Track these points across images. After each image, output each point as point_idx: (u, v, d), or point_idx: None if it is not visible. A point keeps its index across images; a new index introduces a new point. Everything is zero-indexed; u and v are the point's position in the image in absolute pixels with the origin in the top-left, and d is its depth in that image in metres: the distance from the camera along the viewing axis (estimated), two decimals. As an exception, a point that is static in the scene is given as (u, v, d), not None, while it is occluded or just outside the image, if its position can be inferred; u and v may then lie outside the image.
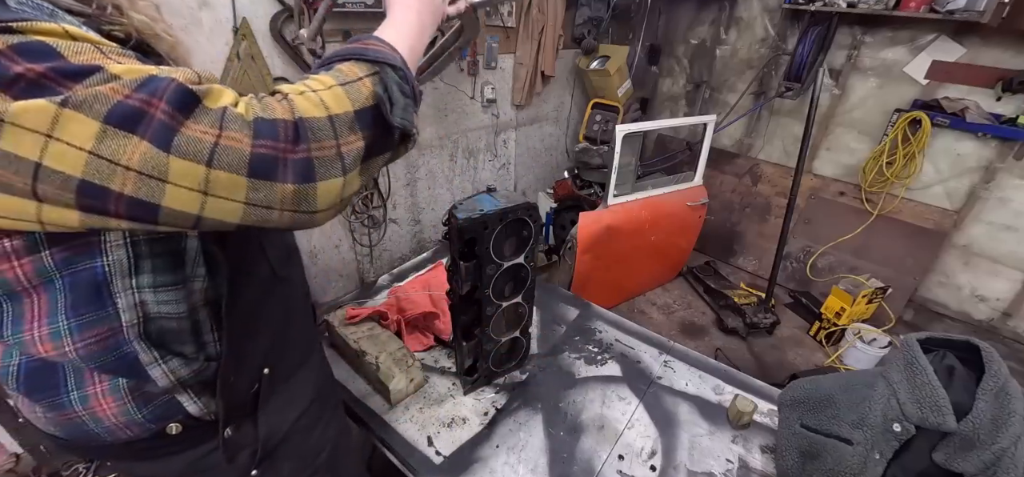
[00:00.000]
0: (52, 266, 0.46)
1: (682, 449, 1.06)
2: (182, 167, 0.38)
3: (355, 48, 0.51)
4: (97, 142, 0.36)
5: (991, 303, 2.85)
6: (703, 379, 1.27)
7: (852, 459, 0.82)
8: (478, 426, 1.11)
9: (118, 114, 0.37)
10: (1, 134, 0.35)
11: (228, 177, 0.40)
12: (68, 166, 0.36)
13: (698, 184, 2.93)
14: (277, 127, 0.42)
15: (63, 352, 0.49)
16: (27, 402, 0.55)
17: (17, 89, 0.35)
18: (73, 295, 0.48)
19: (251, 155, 0.40)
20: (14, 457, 1.75)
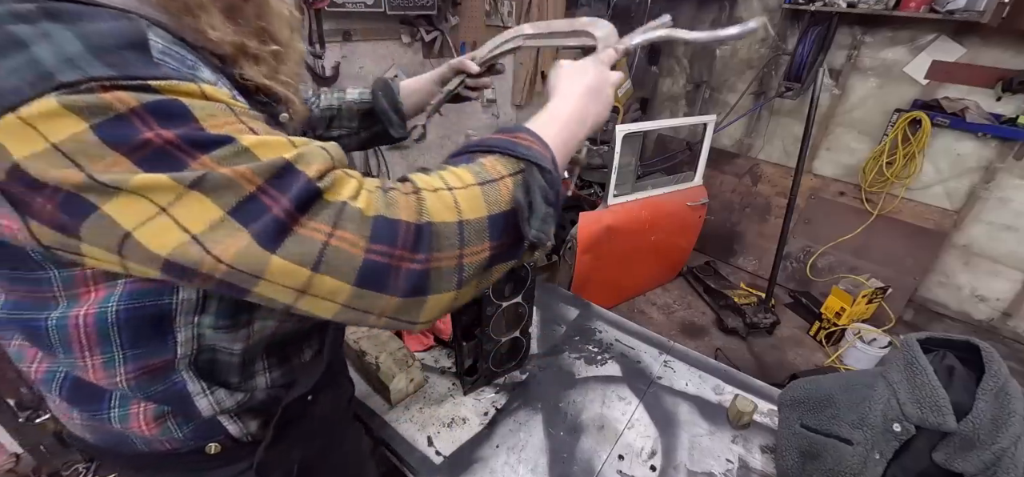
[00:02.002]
0: (119, 298, 0.43)
1: (682, 449, 1.06)
2: (283, 267, 0.35)
3: (503, 140, 0.46)
4: (207, 231, 0.33)
5: (991, 303, 2.85)
6: (703, 379, 1.27)
7: (852, 459, 0.82)
8: (478, 426, 1.11)
9: (244, 208, 0.34)
10: (110, 200, 0.32)
11: (332, 283, 0.36)
12: (159, 245, 0.33)
13: (698, 184, 2.93)
14: (397, 230, 0.37)
15: (114, 381, 0.47)
16: (65, 406, 0.54)
17: (142, 156, 0.32)
18: (136, 327, 0.45)
19: (363, 262, 0.36)
20: (14, 457, 1.75)
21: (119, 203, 0.32)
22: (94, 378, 0.47)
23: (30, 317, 0.43)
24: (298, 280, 0.35)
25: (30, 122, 0.30)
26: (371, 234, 0.36)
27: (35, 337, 0.46)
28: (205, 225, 0.33)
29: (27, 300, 0.42)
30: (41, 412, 1.70)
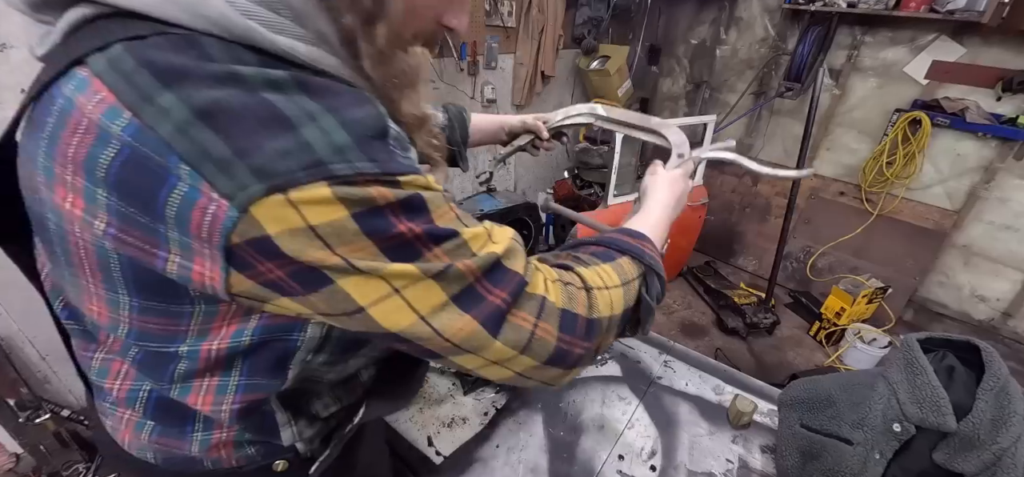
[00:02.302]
0: (252, 333, 0.43)
1: (682, 449, 1.06)
2: (500, 349, 0.41)
3: (635, 246, 0.55)
4: (433, 312, 0.38)
5: (991, 303, 2.86)
6: (703, 379, 1.27)
7: (852, 459, 0.82)
8: (478, 426, 1.11)
9: (465, 296, 0.39)
10: (348, 278, 0.35)
11: (528, 361, 0.43)
12: (391, 323, 0.37)
13: (698, 184, 2.93)
14: (577, 323, 0.45)
15: (220, 408, 0.46)
16: (140, 423, 0.52)
17: (389, 245, 0.35)
18: (257, 359, 0.45)
19: (554, 348, 0.43)
20: (14, 457, 1.75)
21: (357, 281, 0.35)
22: (197, 403, 0.46)
23: (158, 348, 0.42)
24: (503, 357, 0.42)
25: (295, 203, 0.32)
26: (560, 325, 0.44)
27: (153, 365, 0.45)
28: (431, 308, 0.38)
29: (157, 331, 0.41)
30: (41, 412, 1.70)
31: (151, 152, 0.31)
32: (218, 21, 0.34)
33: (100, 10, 0.35)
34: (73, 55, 0.34)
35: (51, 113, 0.34)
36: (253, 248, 0.33)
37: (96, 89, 0.32)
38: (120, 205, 0.33)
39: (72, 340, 0.54)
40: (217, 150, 0.31)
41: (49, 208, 0.36)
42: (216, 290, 0.35)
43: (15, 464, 1.76)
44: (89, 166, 0.32)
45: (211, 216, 0.32)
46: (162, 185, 0.31)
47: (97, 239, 0.35)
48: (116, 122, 0.31)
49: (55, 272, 0.43)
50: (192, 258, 0.34)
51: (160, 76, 0.31)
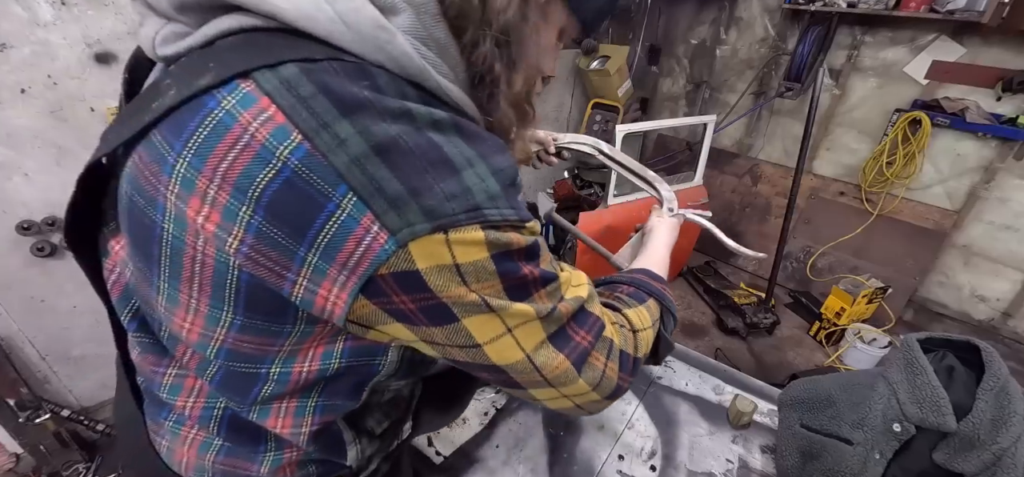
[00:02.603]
0: (339, 355, 0.44)
1: (682, 449, 1.06)
2: (580, 386, 0.45)
3: (658, 289, 0.62)
4: (535, 350, 0.42)
5: (991, 303, 2.86)
6: (703, 379, 1.27)
7: (852, 459, 0.82)
8: (478, 426, 1.11)
9: (559, 336, 0.43)
10: (472, 317, 0.38)
11: (594, 396, 0.47)
12: (500, 358, 0.41)
13: (698, 184, 2.93)
14: (629, 363, 0.50)
15: (298, 431, 0.46)
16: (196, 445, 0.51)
17: (511, 285, 0.38)
18: (338, 382, 0.46)
19: (615, 385, 0.48)
20: (14, 457, 1.75)
21: (481, 320, 0.38)
22: (276, 426, 0.46)
23: (245, 368, 0.42)
24: (578, 392, 0.46)
25: (451, 243, 0.34)
26: (620, 365, 0.49)
27: (237, 385, 0.44)
28: (534, 346, 0.41)
29: (249, 350, 0.41)
30: (41, 412, 1.70)
31: (317, 178, 0.31)
32: (398, 59, 0.35)
33: (263, 23, 0.34)
34: (233, 67, 0.33)
35: (202, 123, 0.33)
36: (396, 280, 0.35)
37: (263, 107, 0.32)
38: (264, 225, 0.33)
39: (136, 353, 0.51)
40: (391, 187, 0.32)
41: (170, 217, 0.35)
42: (334, 315, 0.36)
43: (15, 464, 1.76)
44: (241, 183, 0.32)
45: (364, 247, 0.33)
46: (319, 212, 0.32)
47: (222, 255, 0.35)
48: (283, 144, 0.31)
49: (142, 282, 0.41)
50: (321, 283, 0.35)
51: (339, 104, 0.32)
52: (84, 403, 1.91)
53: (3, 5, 1.34)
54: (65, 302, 1.73)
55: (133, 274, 0.42)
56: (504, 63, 0.43)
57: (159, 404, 0.52)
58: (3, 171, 1.48)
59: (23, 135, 1.48)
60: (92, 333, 1.82)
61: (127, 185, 0.38)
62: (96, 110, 1.58)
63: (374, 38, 0.34)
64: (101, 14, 1.50)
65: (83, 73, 1.52)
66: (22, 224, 1.55)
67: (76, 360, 1.83)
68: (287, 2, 0.34)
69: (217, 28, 0.36)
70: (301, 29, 0.34)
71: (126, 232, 0.39)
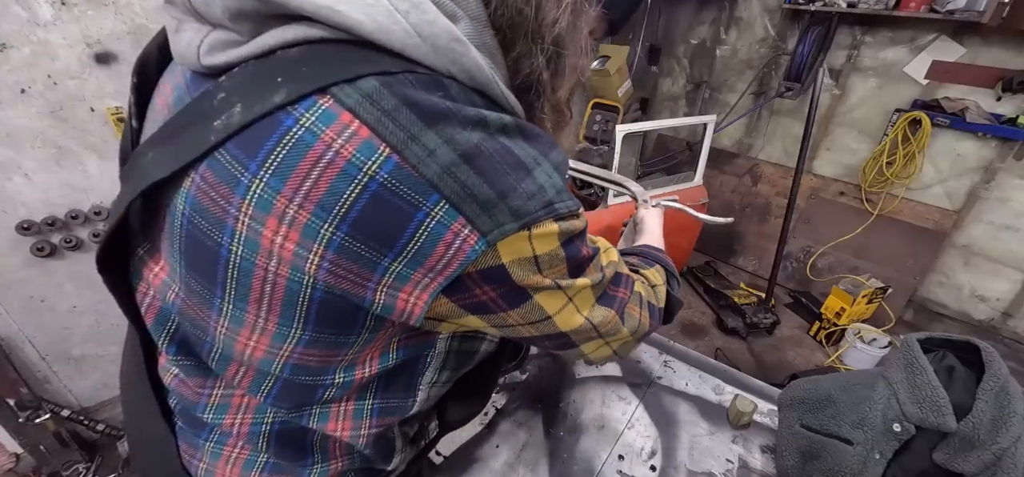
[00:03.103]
0: (394, 356, 0.45)
1: (682, 449, 1.06)
2: (623, 334, 0.52)
3: (660, 256, 0.72)
4: (591, 312, 0.47)
5: (991, 303, 2.86)
6: (703, 379, 1.27)
7: (852, 459, 0.82)
8: (478, 426, 1.11)
9: (605, 297, 0.49)
10: (541, 294, 0.41)
11: (631, 339, 0.54)
12: (565, 325, 0.45)
13: (698, 184, 2.93)
14: (655, 311, 0.58)
15: (358, 432, 0.48)
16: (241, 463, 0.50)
17: (573, 266, 0.43)
18: (389, 384, 0.48)
19: (647, 329, 0.55)
20: (14, 457, 1.75)
21: (549, 296, 0.42)
22: (335, 430, 0.48)
23: (308, 380, 0.43)
24: (622, 338, 0.53)
25: (532, 238, 0.37)
26: (650, 313, 0.56)
27: (296, 397, 0.45)
28: (589, 308, 0.47)
29: (315, 363, 0.41)
30: (41, 412, 1.70)
31: (406, 189, 0.32)
32: (469, 69, 0.36)
33: (330, 35, 0.33)
34: (308, 82, 0.32)
35: (280, 142, 0.32)
36: (481, 275, 0.37)
37: (346, 122, 0.31)
38: (346, 240, 0.33)
39: (173, 376, 0.50)
40: (482, 192, 0.34)
41: (240, 240, 0.34)
42: (412, 315, 0.38)
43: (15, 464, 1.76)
44: (327, 201, 0.32)
45: (454, 250, 0.34)
46: (409, 222, 0.33)
47: (297, 274, 0.34)
48: (371, 159, 0.31)
49: (196, 304, 0.39)
50: (402, 288, 0.36)
51: (423, 116, 0.32)
52: (84, 403, 1.91)
53: (3, 5, 1.34)
54: (65, 302, 1.73)
55: (183, 296, 0.40)
56: (551, 71, 0.44)
57: (198, 426, 0.50)
58: (3, 171, 1.48)
59: (23, 135, 1.48)
60: (92, 333, 1.82)
61: (185, 206, 0.35)
62: (96, 110, 1.58)
63: (449, 50, 0.35)
64: (101, 14, 1.50)
65: (83, 73, 1.52)
66: (22, 224, 1.55)
67: (76, 360, 1.83)
68: (362, 14, 0.33)
69: (278, 39, 0.34)
70: (374, 41, 0.33)
71: (180, 253, 0.38)
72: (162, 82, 0.46)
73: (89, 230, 1.69)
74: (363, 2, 0.33)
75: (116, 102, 1.61)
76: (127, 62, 1.60)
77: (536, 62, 0.42)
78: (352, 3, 0.33)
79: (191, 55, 0.38)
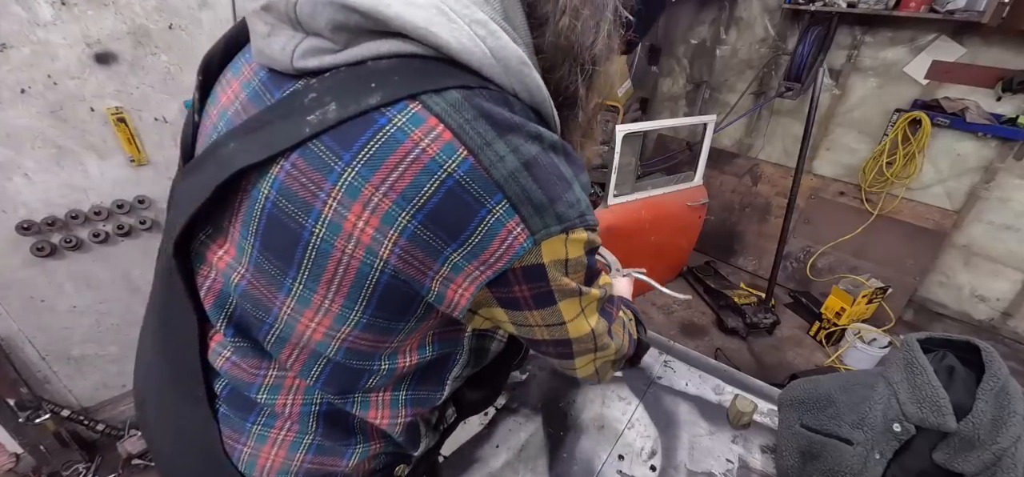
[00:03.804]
0: (431, 349, 0.51)
1: (682, 449, 1.06)
2: (610, 349, 0.57)
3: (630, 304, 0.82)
4: (595, 322, 0.53)
5: (991, 303, 2.86)
6: (703, 379, 1.27)
7: (852, 459, 0.82)
8: (478, 426, 1.11)
9: (603, 311, 0.55)
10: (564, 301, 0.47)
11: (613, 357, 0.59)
12: (575, 332, 0.50)
13: (698, 184, 2.93)
14: (631, 340, 0.66)
15: (395, 421, 0.53)
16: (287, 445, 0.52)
17: (587, 276, 0.48)
18: (423, 376, 0.54)
19: (626, 351, 0.62)
20: (14, 457, 1.75)
21: (568, 303, 0.47)
22: (375, 418, 0.52)
23: (357, 364, 0.47)
24: (607, 354, 0.58)
25: (568, 242, 0.43)
26: (628, 339, 0.64)
27: (344, 381, 0.49)
28: (594, 319, 0.53)
29: (365, 347, 0.45)
30: (41, 412, 1.70)
31: (476, 188, 0.37)
32: (531, 89, 0.42)
33: (421, 51, 0.38)
34: (401, 89, 0.37)
35: (374, 137, 0.36)
36: (523, 272, 0.42)
37: (432, 125, 0.36)
38: (419, 228, 0.37)
39: (226, 358, 0.51)
40: (537, 196, 0.39)
41: (325, 222, 0.38)
42: (458, 306, 0.42)
43: (15, 464, 1.76)
44: (408, 192, 0.36)
45: (506, 246, 0.39)
46: (473, 217, 0.37)
47: (370, 256, 0.38)
48: (452, 158, 0.36)
49: (265, 285, 0.43)
50: (455, 279, 0.40)
51: (495, 126, 0.37)
52: (84, 403, 1.91)
53: (3, 5, 1.34)
54: (65, 302, 1.73)
55: (250, 277, 0.43)
56: (587, 86, 0.49)
57: (247, 409, 0.52)
58: (3, 171, 1.48)
59: (23, 135, 1.48)
60: (92, 333, 1.82)
61: (272, 192, 0.39)
62: (96, 110, 1.59)
63: (518, 72, 0.41)
64: (101, 14, 1.50)
65: (83, 73, 1.52)
66: (22, 224, 1.55)
67: (76, 360, 1.83)
68: (450, 36, 0.38)
69: (372, 50, 0.39)
70: (458, 60, 0.38)
71: (255, 235, 0.41)
72: (226, 80, 0.50)
73: (89, 230, 1.69)
74: (450, 26, 0.38)
75: (116, 102, 1.61)
76: (127, 62, 1.60)
77: (576, 80, 0.47)
78: (441, 26, 0.37)
79: (284, 58, 0.42)
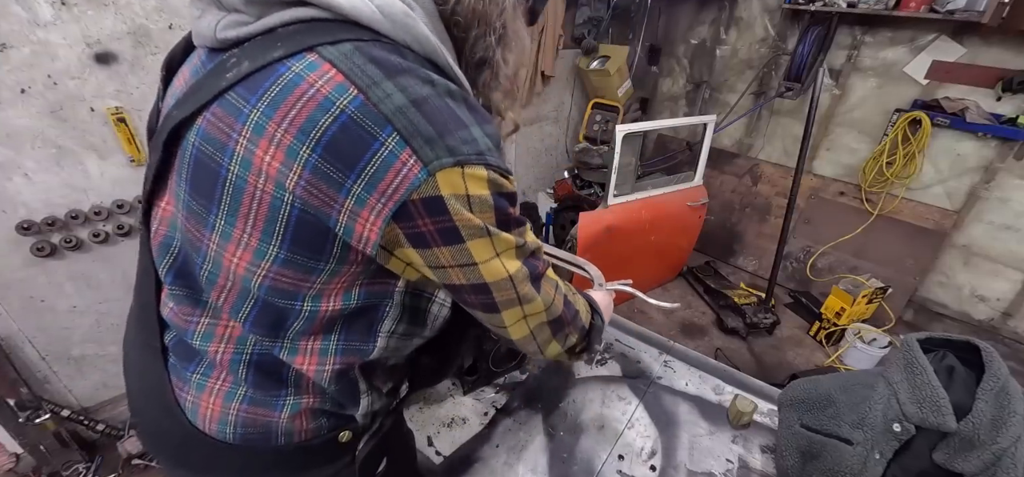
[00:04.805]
0: (356, 297, 0.53)
1: (682, 449, 1.06)
2: (536, 304, 0.57)
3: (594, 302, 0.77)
4: (515, 270, 0.52)
5: (991, 303, 2.85)
6: (703, 379, 1.27)
7: (852, 459, 0.82)
8: (478, 426, 1.11)
9: (527, 262, 0.55)
10: (474, 240, 0.48)
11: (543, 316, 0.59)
12: (488, 275, 0.51)
13: (698, 184, 2.93)
14: (572, 311, 0.65)
15: (323, 368, 0.55)
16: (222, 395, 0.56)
17: (500, 220, 0.49)
18: (351, 325, 0.55)
19: (559, 314, 0.61)
20: (14, 457, 1.75)
21: (478, 243, 0.48)
22: (303, 365, 0.54)
23: (282, 303, 0.50)
24: (535, 310, 0.57)
25: (465, 176, 0.45)
26: (564, 302, 0.63)
27: (272, 322, 0.52)
28: (514, 268, 0.52)
29: (287, 284, 0.49)
30: (41, 412, 1.70)
31: (368, 122, 0.41)
32: (419, 38, 0.46)
33: (322, 15, 0.45)
34: (301, 43, 0.43)
35: (275, 82, 0.42)
36: (423, 205, 0.44)
37: (326, 70, 0.41)
38: (320, 161, 0.41)
39: (170, 308, 0.56)
40: (426, 130, 0.42)
41: (238, 159, 0.43)
42: (369, 241, 0.45)
43: (15, 464, 1.76)
44: (306, 127, 0.41)
45: (401, 177, 0.42)
46: (367, 149, 0.41)
47: (280, 190, 0.43)
48: (343, 96, 0.41)
49: (194, 225, 0.48)
50: (361, 211, 0.44)
51: (384, 70, 0.42)
52: (84, 403, 1.92)
53: (3, 5, 1.34)
54: (65, 302, 1.73)
55: (184, 220, 0.49)
56: (502, 48, 0.55)
57: (188, 358, 0.57)
58: (3, 171, 1.48)
59: (23, 135, 1.48)
60: (92, 333, 1.82)
61: (197, 138, 0.45)
62: (96, 110, 1.59)
63: (403, 22, 0.45)
64: (101, 14, 1.50)
65: (83, 73, 1.53)
66: (22, 224, 1.55)
67: (76, 360, 1.83)
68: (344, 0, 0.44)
69: (282, 18, 0.45)
70: (351, 19, 0.44)
71: (187, 182, 0.47)
72: (180, 70, 0.57)
73: (89, 230, 1.70)
74: None
75: (116, 102, 1.61)
76: (127, 62, 1.60)
77: (490, 41, 0.53)
78: None
79: (210, 32, 0.49)
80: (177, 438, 0.58)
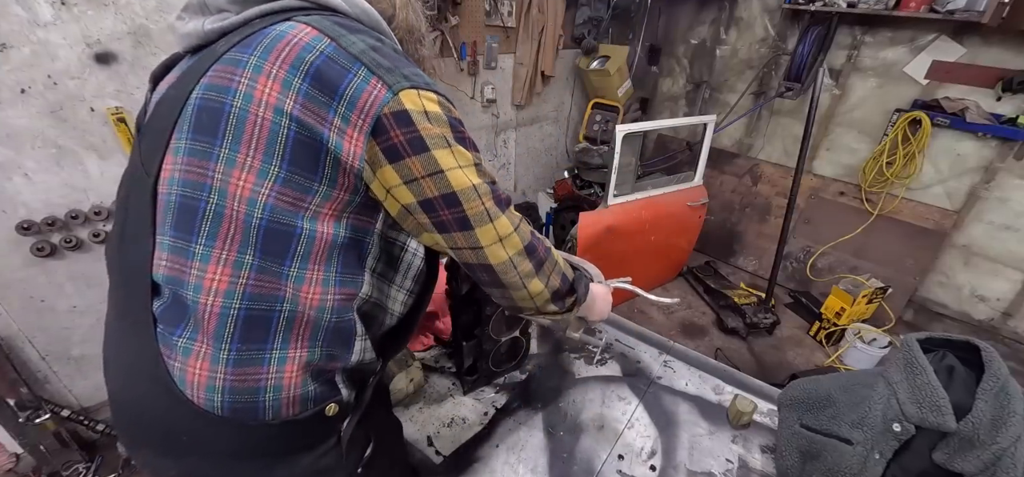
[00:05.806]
0: (346, 228, 0.61)
1: (682, 449, 1.06)
2: (504, 224, 0.64)
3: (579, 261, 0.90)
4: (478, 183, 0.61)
5: (991, 303, 2.85)
6: (703, 379, 1.27)
7: (852, 459, 0.82)
8: (478, 426, 1.11)
9: (494, 188, 0.64)
10: (437, 150, 0.57)
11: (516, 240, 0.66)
12: (456, 183, 0.59)
13: (698, 184, 2.93)
14: (544, 249, 0.72)
15: (324, 300, 0.60)
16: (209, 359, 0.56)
17: (456, 136, 0.60)
18: (345, 256, 0.62)
19: (529, 241, 0.69)
20: (14, 457, 1.75)
21: (443, 153, 0.58)
22: (307, 294, 0.59)
23: (284, 224, 0.56)
24: (505, 232, 0.65)
25: (421, 97, 0.57)
26: (531, 232, 0.70)
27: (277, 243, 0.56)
28: (478, 182, 0.61)
29: (287, 205, 0.55)
30: (41, 412, 1.70)
31: (342, 59, 0.54)
32: (368, 13, 0.63)
33: (297, 4, 0.60)
34: (280, 17, 0.57)
35: (264, 38, 0.55)
36: (394, 118, 0.55)
37: (303, 27, 0.55)
38: (310, 88, 0.53)
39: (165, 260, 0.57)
40: (386, 64, 0.56)
41: (240, 95, 0.53)
42: (355, 155, 0.55)
43: (15, 464, 1.76)
44: (296, 63, 0.53)
45: (373, 97, 0.54)
46: (344, 78, 0.53)
47: (278, 115, 0.53)
48: (319, 43, 0.54)
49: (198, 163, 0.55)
50: (347, 129, 0.54)
51: (348, 29, 0.57)
52: (84, 403, 1.92)
53: (3, 5, 1.34)
54: (65, 302, 1.73)
55: (184, 166, 0.55)
56: (415, 18, 0.73)
57: (175, 321, 0.57)
58: (3, 171, 1.48)
59: (23, 135, 1.48)
60: (92, 333, 1.82)
61: (200, 91, 0.55)
62: (96, 110, 1.59)
63: (360, 5, 0.63)
64: (101, 14, 1.50)
65: (83, 73, 1.53)
66: (22, 224, 1.55)
67: (76, 360, 1.83)
68: None
69: (263, 9, 0.59)
70: (326, 5, 0.60)
71: (190, 130, 0.55)
72: (167, 78, 0.66)
73: (89, 230, 1.69)
74: None
75: (116, 102, 1.61)
76: (127, 62, 1.60)
77: (407, 14, 0.71)
78: None
79: (197, 30, 0.61)
80: (163, 418, 0.59)
